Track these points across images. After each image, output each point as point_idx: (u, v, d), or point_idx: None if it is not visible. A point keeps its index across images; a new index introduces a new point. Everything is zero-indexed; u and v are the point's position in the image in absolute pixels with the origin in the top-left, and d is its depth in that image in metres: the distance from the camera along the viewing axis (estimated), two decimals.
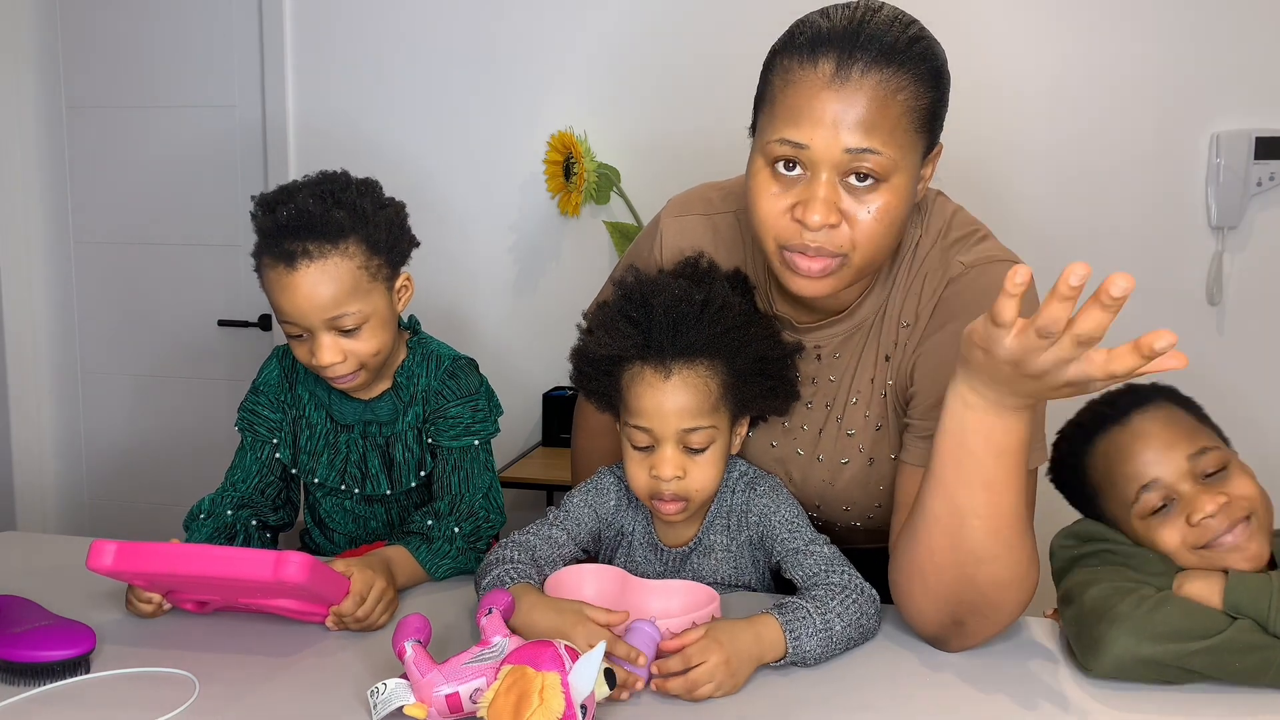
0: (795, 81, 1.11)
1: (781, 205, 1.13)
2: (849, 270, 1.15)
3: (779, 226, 1.14)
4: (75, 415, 3.00)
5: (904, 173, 1.12)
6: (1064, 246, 2.28)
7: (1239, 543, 1.14)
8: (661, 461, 1.21)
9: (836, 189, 1.10)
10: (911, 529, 1.14)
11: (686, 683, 1.05)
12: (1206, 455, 1.17)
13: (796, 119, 1.10)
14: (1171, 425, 1.19)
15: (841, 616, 1.15)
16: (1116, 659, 1.08)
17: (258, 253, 1.34)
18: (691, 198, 1.40)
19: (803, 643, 1.11)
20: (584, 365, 1.27)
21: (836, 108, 1.08)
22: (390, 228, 1.36)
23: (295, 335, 1.34)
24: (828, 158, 1.09)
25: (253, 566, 1.12)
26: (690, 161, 2.42)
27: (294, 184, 1.36)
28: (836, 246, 1.12)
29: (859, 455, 1.30)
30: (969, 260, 1.21)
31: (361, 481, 1.45)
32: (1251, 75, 2.26)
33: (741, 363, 1.22)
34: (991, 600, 1.12)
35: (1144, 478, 1.18)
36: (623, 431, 1.24)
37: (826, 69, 1.09)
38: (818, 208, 1.10)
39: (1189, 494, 1.16)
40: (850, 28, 1.10)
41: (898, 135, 1.10)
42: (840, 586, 1.18)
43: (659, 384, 1.19)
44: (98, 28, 2.81)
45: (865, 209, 1.11)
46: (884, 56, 1.09)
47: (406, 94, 2.63)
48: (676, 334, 1.20)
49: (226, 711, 1.05)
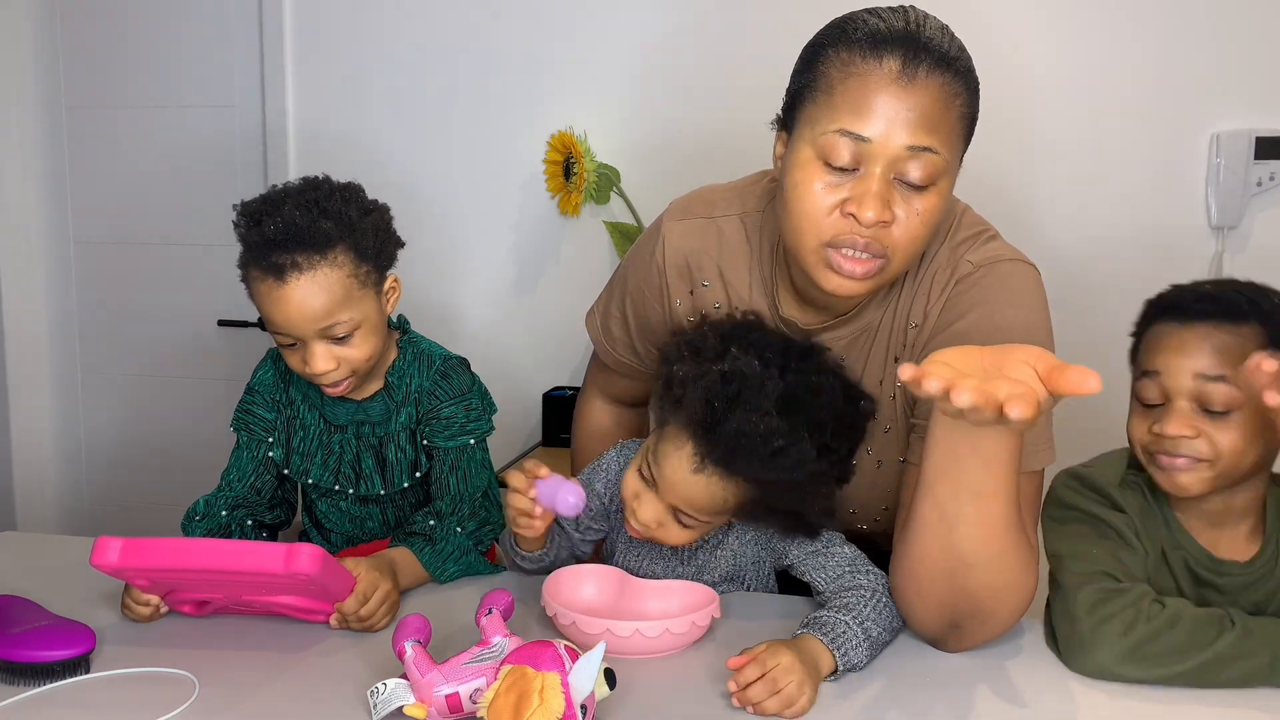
0: (858, 74, 1.09)
1: (829, 201, 1.11)
2: (887, 274, 1.14)
3: (826, 223, 1.11)
4: (75, 415, 3.00)
5: (949, 178, 1.12)
6: (1064, 246, 2.28)
7: (1174, 468, 1.15)
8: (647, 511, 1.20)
9: (890, 187, 1.09)
10: (905, 535, 1.14)
11: (769, 683, 1.03)
12: (1215, 385, 1.13)
13: (860, 111, 1.08)
14: (1215, 344, 1.14)
15: (877, 622, 1.14)
16: (1102, 671, 1.09)
17: (244, 264, 1.33)
18: (694, 200, 1.39)
19: (850, 656, 1.11)
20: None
21: (902, 105, 1.08)
22: (376, 233, 1.36)
23: (287, 344, 1.34)
24: (887, 153, 1.08)
25: (263, 559, 1.11)
26: (690, 162, 2.42)
27: (276, 193, 1.35)
28: (883, 246, 1.11)
29: (867, 458, 1.30)
30: (977, 260, 1.21)
31: (355, 482, 1.45)
32: (1251, 75, 2.26)
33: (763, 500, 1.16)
34: (986, 605, 1.12)
35: (1152, 365, 1.18)
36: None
37: (892, 66, 1.08)
38: (872, 204, 1.08)
39: (1176, 409, 1.15)
40: (909, 30, 1.10)
41: (952, 140, 1.11)
42: (870, 590, 1.17)
43: (682, 463, 1.14)
44: (98, 28, 2.80)
45: (913, 209, 1.10)
46: (944, 62, 1.09)
47: (406, 94, 2.63)
48: (722, 440, 1.12)
49: (226, 711, 1.05)
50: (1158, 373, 1.16)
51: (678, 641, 1.17)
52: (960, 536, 1.08)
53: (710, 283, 1.34)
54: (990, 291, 1.18)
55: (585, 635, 1.14)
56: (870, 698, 1.08)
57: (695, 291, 1.36)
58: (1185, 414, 1.14)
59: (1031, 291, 1.20)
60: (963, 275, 1.21)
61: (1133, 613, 1.10)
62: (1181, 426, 1.14)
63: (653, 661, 1.15)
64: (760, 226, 1.31)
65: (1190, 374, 1.14)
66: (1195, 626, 1.08)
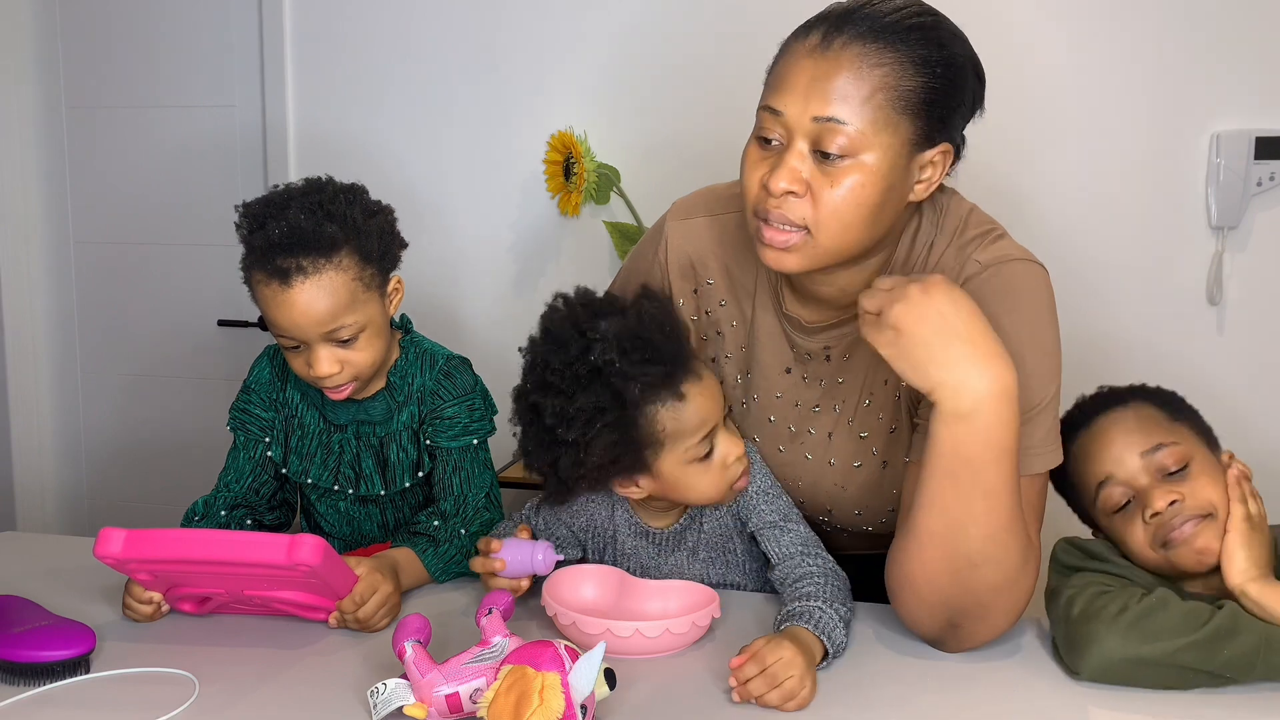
0: (784, 53, 1.15)
1: (758, 174, 1.14)
2: (814, 248, 1.14)
3: (754, 195, 1.15)
4: (75, 415, 3.00)
5: (878, 153, 1.10)
6: (1064, 246, 2.28)
7: (1185, 537, 1.15)
8: None
9: (806, 159, 1.11)
10: (903, 544, 1.14)
11: (769, 678, 1.04)
12: (1162, 451, 1.17)
13: (777, 86, 1.13)
14: (1132, 423, 1.20)
15: (843, 602, 1.19)
16: (1104, 659, 1.08)
17: (247, 267, 1.32)
18: (696, 200, 1.39)
19: (834, 638, 1.13)
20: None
21: (810, 76, 1.10)
22: (381, 235, 1.35)
23: (290, 347, 1.34)
24: (798, 125, 1.10)
25: (266, 550, 1.11)
26: (690, 161, 2.41)
27: (279, 195, 1.34)
28: (798, 218, 1.12)
29: (872, 458, 1.30)
30: (985, 259, 1.20)
31: (355, 482, 1.45)
32: (1251, 75, 2.25)
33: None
34: (985, 604, 1.12)
35: (1100, 475, 1.19)
36: None
37: (813, 40, 1.11)
38: (782, 174, 1.11)
39: (1146, 489, 1.17)
40: (853, 6, 1.12)
41: (870, 111, 1.09)
42: (823, 574, 1.21)
43: None
44: (98, 28, 2.80)
45: (833, 186, 1.11)
46: (872, 32, 1.10)
47: (406, 94, 2.63)
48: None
49: (226, 711, 1.05)
50: (1110, 475, 1.19)
51: (678, 641, 1.17)
52: (967, 537, 1.08)
53: (714, 281, 1.34)
54: (998, 291, 1.18)
55: (585, 635, 1.14)
56: (871, 698, 1.08)
57: (699, 290, 1.36)
58: (1158, 488, 1.16)
59: (1039, 291, 1.20)
60: (970, 275, 1.20)
61: (1125, 597, 1.11)
62: (1164, 496, 1.15)
63: (653, 661, 1.15)
64: None
65: (1137, 455, 1.18)
66: (1186, 609, 1.09)
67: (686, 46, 2.46)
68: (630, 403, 1.14)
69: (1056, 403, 1.19)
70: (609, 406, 1.14)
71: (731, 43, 2.40)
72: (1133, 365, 2.35)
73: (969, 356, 1.06)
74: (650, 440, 1.17)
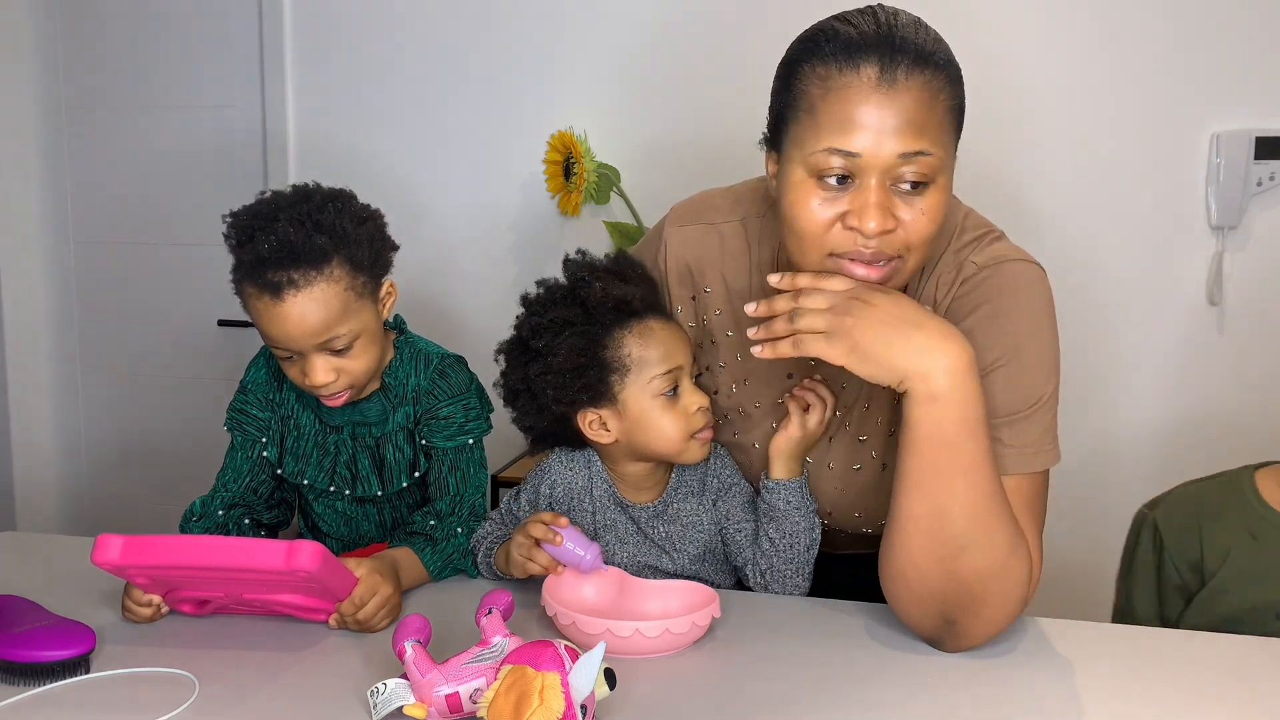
0: (837, 89, 1.08)
1: (828, 215, 1.10)
2: (904, 272, 1.14)
3: (829, 237, 1.11)
4: (75, 415, 3.00)
5: (947, 172, 1.12)
6: (1064, 246, 2.28)
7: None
8: None
9: (888, 194, 1.09)
10: (890, 538, 1.15)
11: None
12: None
13: (845, 128, 1.07)
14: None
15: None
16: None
17: (238, 279, 1.31)
18: (695, 205, 1.38)
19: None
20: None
21: (886, 112, 1.07)
22: (371, 242, 1.35)
23: (285, 357, 1.34)
24: (879, 163, 1.07)
25: (265, 556, 1.11)
26: (690, 162, 2.42)
27: (267, 205, 1.33)
28: (895, 250, 1.11)
29: (872, 461, 1.30)
30: (982, 260, 1.21)
31: (352, 483, 1.45)
32: (1251, 75, 2.26)
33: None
34: (975, 593, 1.12)
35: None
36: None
37: (870, 74, 1.07)
38: (873, 214, 1.08)
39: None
40: (881, 32, 1.09)
41: (942, 136, 1.10)
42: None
43: None
44: (98, 28, 2.80)
45: (916, 210, 1.10)
46: (921, 59, 1.08)
47: (406, 94, 2.63)
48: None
49: (226, 711, 1.05)
50: None
51: (678, 641, 1.17)
52: (950, 519, 1.10)
53: (711, 290, 1.34)
54: (995, 292, 1.18)
55: (585, 635, 1.14)
56: (870, 699, 1.08)
57: (697, 298, 1.36)
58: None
59: (1037, 291, 1.20)
60: (968, 276, 1.20)
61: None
62: None
63: (653, 661, 1.15)
64: (761, 232, 1.31)
65: None
66: None
67: (687, 47, 2.47)
68: (598, 319, 1.26)
69: (1055, 401, 1.20)
70: (578, 320, 1.26)
71: (732, 43, 2.41)
72: (1133, 365, 2.36)
73: (928, 340, 1.08)
74: (616, 364, 1.26)
